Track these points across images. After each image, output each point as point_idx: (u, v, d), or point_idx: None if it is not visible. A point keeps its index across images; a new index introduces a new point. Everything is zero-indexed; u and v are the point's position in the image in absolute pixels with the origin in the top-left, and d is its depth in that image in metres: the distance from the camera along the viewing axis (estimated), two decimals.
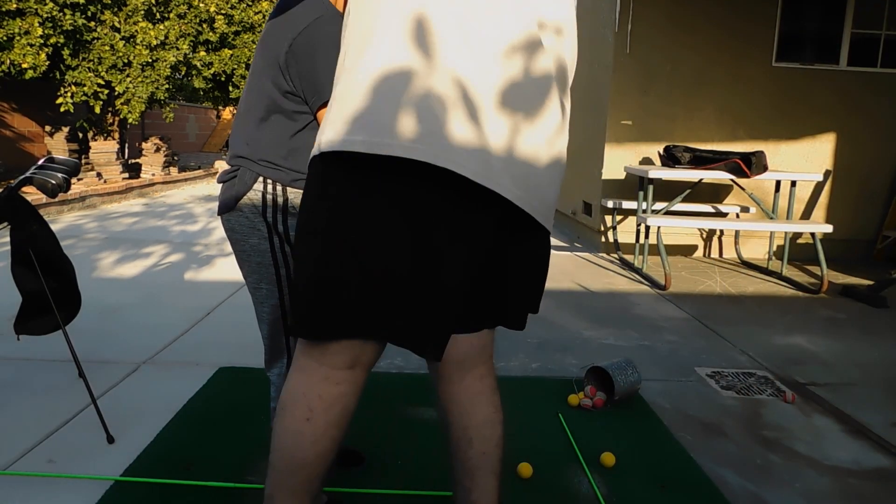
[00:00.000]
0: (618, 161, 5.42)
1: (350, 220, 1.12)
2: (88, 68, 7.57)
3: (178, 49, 8.40)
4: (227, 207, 1.62)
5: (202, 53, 9.27)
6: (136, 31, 7.83)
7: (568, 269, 4.80)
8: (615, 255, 5.40)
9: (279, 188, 1.60)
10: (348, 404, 1.20)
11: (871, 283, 4.50)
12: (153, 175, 9.30)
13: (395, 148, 1.07)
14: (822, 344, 3.23)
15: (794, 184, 4.80)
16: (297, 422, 1.18)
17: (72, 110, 7.68)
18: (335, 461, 1.82)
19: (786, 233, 4.92)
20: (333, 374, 1.18)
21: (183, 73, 9.56)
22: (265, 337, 1.73)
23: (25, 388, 2.35)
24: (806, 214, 5.58)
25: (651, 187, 4.65)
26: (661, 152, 4.96)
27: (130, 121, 8.24)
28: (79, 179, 7.47)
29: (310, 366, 1.19)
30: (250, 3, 10.14)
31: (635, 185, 5.29)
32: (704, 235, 5.60)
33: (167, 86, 8.38)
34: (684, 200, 5.04)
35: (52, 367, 2.51)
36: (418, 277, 1.11)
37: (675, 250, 5.53)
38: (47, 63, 6.84)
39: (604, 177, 5.46)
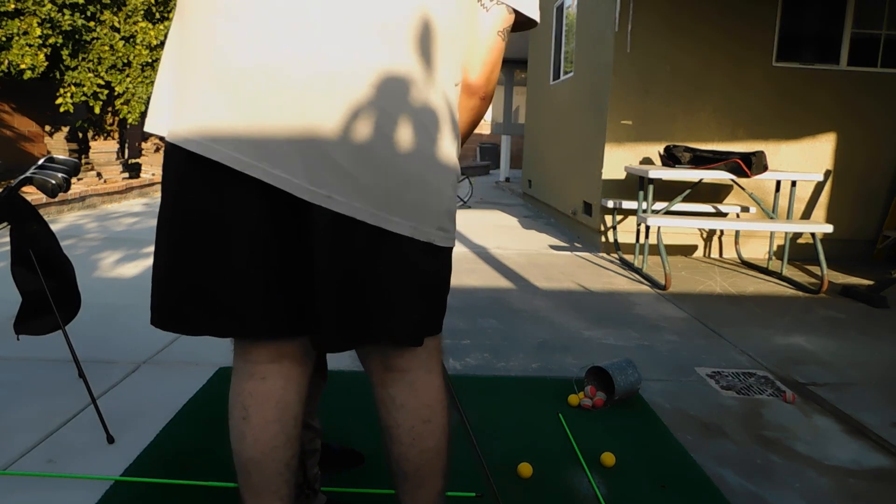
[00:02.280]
0: (618, 161, 5.42)
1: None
2: (88, 68, 7.57)
3: None
4: None
5: None
6: (136, 31, 7.83)
7: (568, 269, 4.80)
8: (615, 255, 5.40)
9: None
10: (283, 399, 1.17)
11: (871, 283, 4.50)
12: (153, 175, 9.29)
13: (158, 128, 1.10)
14: (822, 344, 3.23)
15: (794, 184, 4.80)
16: (237, 422, 1.18)
17: (71, 110, 7.68)
18: (338, 461, 1.84)
19: (786, 233, 4.92)
20: (258, 369, 1.17)
21: None
22: None
23: (25, 388, 2.35)
24: (806, 214, 5.58)
25: (651, 187, 4.65)
26: (662, 152, 4.96)
27: (130, 121, 8.23)
28: (79, 179, 7.46)
29: (238, 365, 1.19)
30: None
31: (635, 185, 5.29)
32: (704, 235, 5.60)
33: None
34: (684, 200, 5.04)
35: (52, 367, 2.51)
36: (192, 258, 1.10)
37: (675, 250, 5.53)
38: (46, 63, 6.83)
39: (604, 177, 5.46)
